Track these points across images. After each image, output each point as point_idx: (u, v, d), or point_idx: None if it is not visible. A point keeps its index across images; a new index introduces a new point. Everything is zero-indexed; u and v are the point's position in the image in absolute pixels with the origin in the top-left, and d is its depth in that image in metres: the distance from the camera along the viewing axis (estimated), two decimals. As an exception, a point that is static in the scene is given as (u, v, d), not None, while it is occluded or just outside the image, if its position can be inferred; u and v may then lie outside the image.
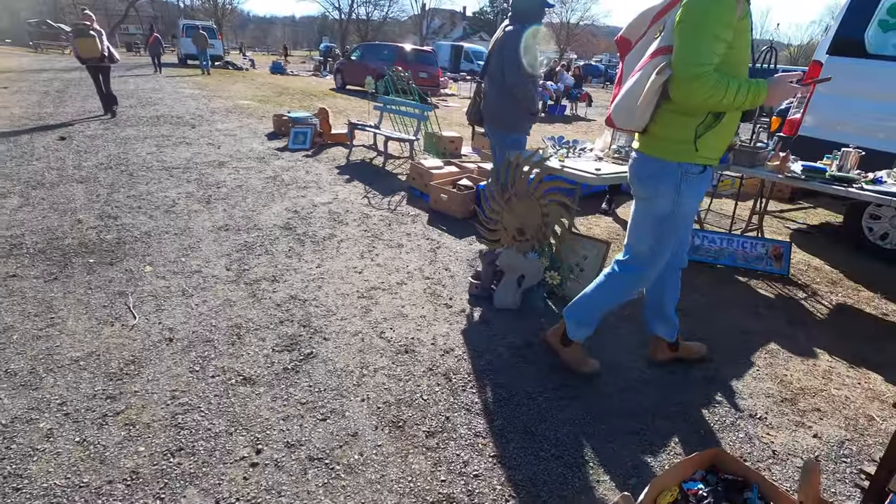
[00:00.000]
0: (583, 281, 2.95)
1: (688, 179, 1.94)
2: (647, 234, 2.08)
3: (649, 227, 2.07)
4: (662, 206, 2.00)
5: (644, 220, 2.09)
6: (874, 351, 2.69)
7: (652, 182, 2.00)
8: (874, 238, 4.11)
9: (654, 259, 2.10)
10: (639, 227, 2.12)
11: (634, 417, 2.06)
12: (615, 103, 2.03)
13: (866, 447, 1.97)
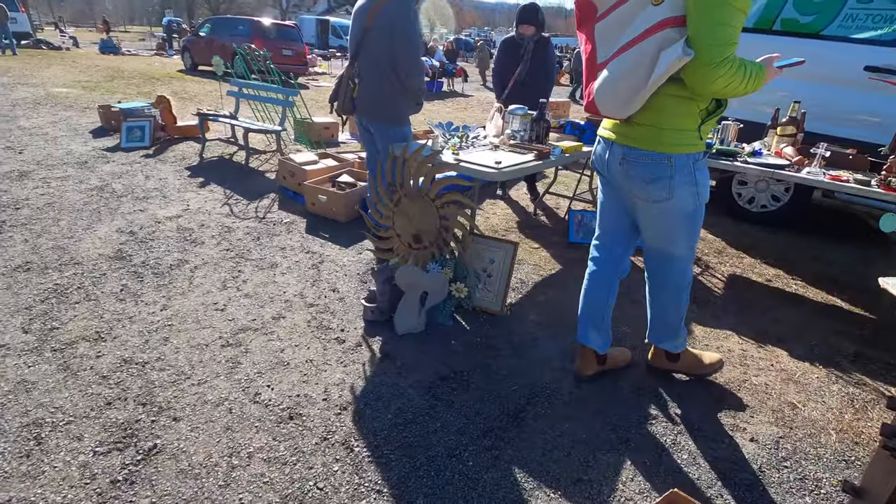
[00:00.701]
0: (492, 288, 2.62)
1: (700, 167, 1.76)
2: (681, 236, 1.88)
3: (682, 229, 1.86)
4: (686, 203, 1.78)
5: (671, 223, 1.84)
6: (771, 323, 2.73)
7: (664, 183, 1.73)
8: (742, 202, 4.37)
9: (691, 254, 1.95)
10: (663, 231, 1.89)
11: (573, 459, 1.77)
12: (599, 87, 1.68)
13: (799, 443, 1.89)
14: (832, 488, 1.70)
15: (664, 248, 1.94)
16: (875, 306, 2.96)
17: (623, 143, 1.79)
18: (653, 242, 1.96)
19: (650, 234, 1.94)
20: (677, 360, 2.14)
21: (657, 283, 2.05)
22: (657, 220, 1.86)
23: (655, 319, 2.11)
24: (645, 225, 1.93)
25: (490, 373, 2.19)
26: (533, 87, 3.85)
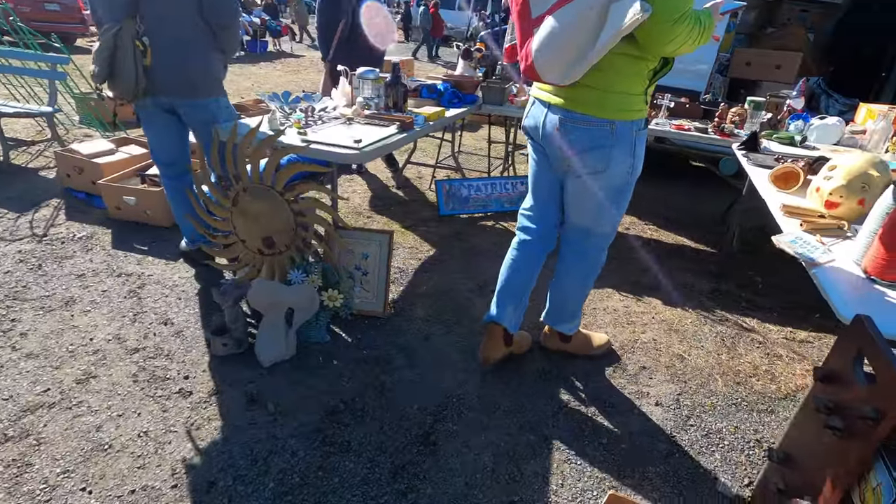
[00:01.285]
0: (371, 287, 2.25)
1: (640, 138, 1.62)
2: (604, 211, 1.74)
3: (606, 203, 1.71)
4: (619, 176, 1.65)
5: (597, 196, 1.69)
6: (641, 273, 2.85)
7: (603, 153, 1.59)
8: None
9: (613, 232, 1.85)
10: (590, 206, 1.73)
11: (499, 478, 1.56)
12: (538, 48, 1.41)
13: (695, 396, 1.95)
14: (733, 437, 1.77)
15: (587, 225, 1.80)
16: (718, 242, 3.30)
17: (562, 106, 1.59)
18: (576, 217, 1.81)
19: (575, 209, 1.79)
20: (570, 341, 2.07)
21: (569, 263, 1.91)
22: (587, 193, 1.70)
23: (556, 302, 1.98)
24: (572, 197, 1.76)
25: (386, 392, 1.86)
26: (362, 45, 3.43)
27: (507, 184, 3.57)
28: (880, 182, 1.57)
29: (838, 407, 1.07)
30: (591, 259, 1.87)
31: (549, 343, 2.09)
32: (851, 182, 1.59)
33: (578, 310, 1.99)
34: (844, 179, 1.60)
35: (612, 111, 1.54)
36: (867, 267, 1.28)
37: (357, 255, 2.24)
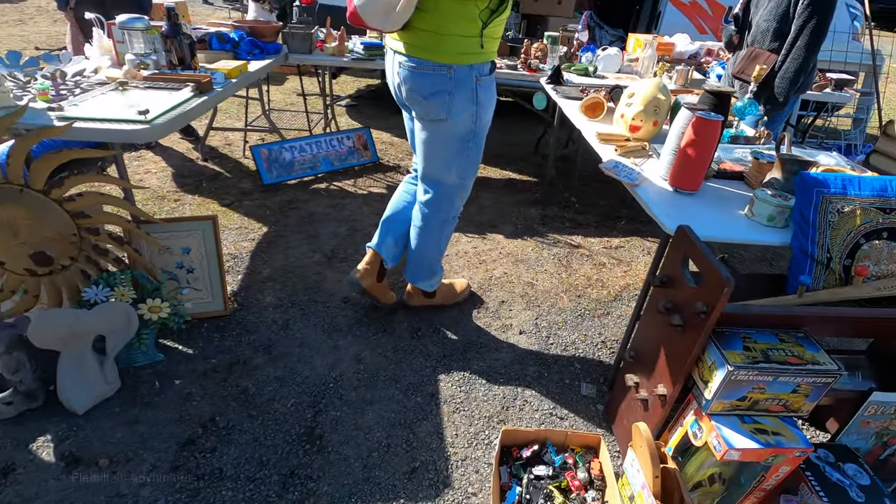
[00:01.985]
0: (203, 284, 1.92)
1: (483, 85, 1.59)
2: (451, 160, 1.71)
3: (452, 152, 1.69)
4: (462, 124, 1.62)
5: (442, 145, 1.68)
6: (479, 211, 2.97)
7: (443, 99, 1.55)
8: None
9: (465, 184, 1.82)
10: (437, 155, 1.71)
11: (396, 450, 1.52)
12: None
13: (549, 317, 2.14)
14: (584, 345, 2.01)
15: (437, 175, 1.76)
16: (538, 171, 3.59)
17: (404, 52, 1.53)
18: (426, 166, 1.76)
19: (425, 158, 1.74)
20: (434, 296, 2.07)
21: (422, 215, 1.86)
22: (432, 141, 1.68)
23: (415, 257, 1.93)
24: (421, 146, 1.72)
25: (251, 399, 1.64)
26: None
27: (332, 140, 3.32)
28: (665, 105, 1.83)
29: (676, 307, 1.25)
30: (443, 210, 1.84)
31: (413, 301, 2.07)
32: (647, 107, 1.81)
33: (437, 264, 1.97)
34: (642, 105, 1.82)
35: (449, 55, 1.48)
36: (672, 181, 1.50)
37: (175, 250, 1.86)
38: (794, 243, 1.25)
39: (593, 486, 1.42)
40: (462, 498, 1.42)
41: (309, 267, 2.29)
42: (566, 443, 1.52)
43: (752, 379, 1.11)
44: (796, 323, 1.20)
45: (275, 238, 2.49)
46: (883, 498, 1.24)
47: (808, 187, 1.22)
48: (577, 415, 1.70)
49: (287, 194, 2.94)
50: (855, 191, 1.21)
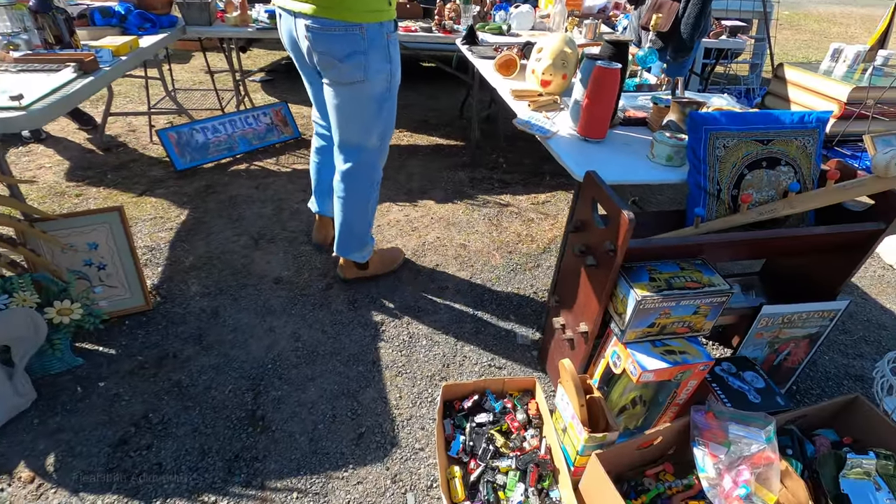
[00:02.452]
0: (118, 280, 1.81)
1: (392, 42, 1.58)
2: (370, 124, 1.68)
3: (370, 115, 1.66)
4: (378, 84, 1.60)
5: (360, 108, 1.64)
6: (409, 179, 2.96)
7: (358, 59, 1.51)
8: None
9: (385, 146, 1.80)
10: (356, 119, 1.67)
11: (342, 420, 1.54)
12: None
13: (482, 275, 2.20)
14: (518, 298, 2.09)
15: (356, 140, 1.73)
16: (465, 135, 3.61)
17: (306, 12, 1.46)
18: (345, 133, 1.72)
19: (341, 123, 1.70)
20: (367, 267, 2.06)
21: (346, 185, 1.82)
22: (349, 105, 1.64)
23: (344, 230, 1.91)
24: (336, 112, 1.67)
25: (186, 391, 1.59)
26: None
27: (247, 118, 3.16)
28: (573, 57, 1.88)
29: (589, 249, 1.33)
30: (366, 177, 1.81)
31: (347, 274, 2.06)
32: (555, 61, 1.85)
33: (367, 235, 1.95)
34: (550, 59, 1.86)
35: (359, 13, 1.45)
36: (581, 130, 1.56)
37: (81, 247, 1.73)
38: (690, 179, 1.36)
39: (532, 425, 1.51)
40: (409, 454, 1.47)
41: (235, 251, 2.21)
42: (504, 389, 1.60)
43: (658, 306, 1.21)
44: (694, 251, 1.31)
45: (195, 225, 2.37)
46: (775, 396, 1.42)
47: (697, 126, 1.32)
48: (515, 362, 1.79)
49: (204, 179, 2.79)
50: (738, 126, 1.32)
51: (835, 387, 1.80)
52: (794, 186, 1.29)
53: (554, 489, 1.36)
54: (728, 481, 1.23)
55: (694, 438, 1.29)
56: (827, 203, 1.29)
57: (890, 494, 1.27)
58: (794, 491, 1.21)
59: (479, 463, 1.40)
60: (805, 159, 1.36)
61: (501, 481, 1.37)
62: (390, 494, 1.37)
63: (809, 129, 1.36)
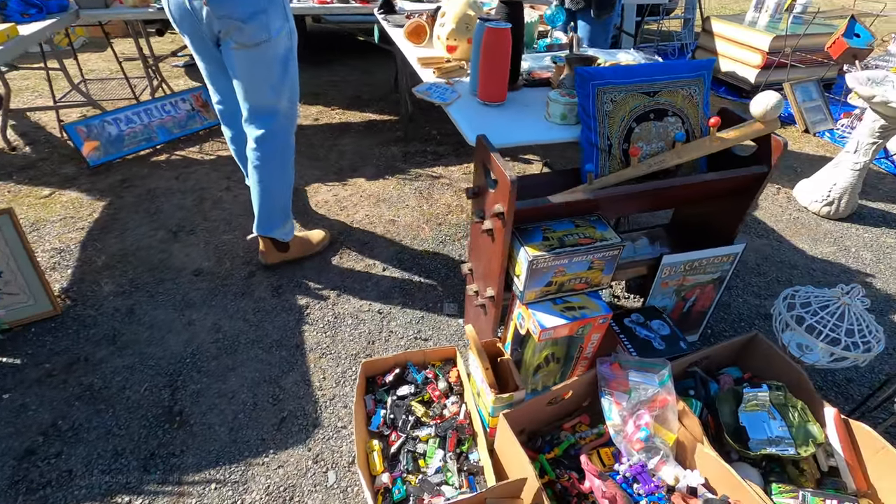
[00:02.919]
0: (17, 288, 1.72)
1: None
2: (279, 85, 1.66)
3: (278, 76, 1.64)
4: (281, 43, 1.59)
5: (266, 70, 1.62)
6: (340, 157, 2.90)
7: (261, 18, 1.50)
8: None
9: (295, 107, 1.78)
10: (264, 83, 1.65)
11: (263, 407, 1.53)
12: None
13: (408, 247, 2.19)
14: (445, 269, 2.09)
15: (267, 104, 1.69)
16: (398, 109, 3.53)
17: None
18: (253, 100, 1.69)
19: (250, 90, 1.66)
20: (288, 248, 2.01)
21: (262, 152, 1.77)
22: (257, 69, 1.61)
23: (266, 205, 1.86)
24: (243, 78, 1.63)
25: (99, 394, 1.54)
26: None
27: (165, 106, 3.00)
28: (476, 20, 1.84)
29: (486, 212, 1.32)
30: (282, 143, 1.78)
31: (269, 259, 2.01)
32: (458, 25, 1.81)
33: (288, 207, 1.91)
34: (454, 23, 1.82)
35: None
36: (480, 94, 1.54)
37: (-33, 255, 1.62)
38: (582, 136, 1.36)
39: (453, 392, 1.53)
40: (332, 433, 1.47)
41: (152, 246, 2.12)
42: (426, 360, 1.61)
43: (552, 265, 1.23)
44: (588, 208, 1.33)
45: (109, 223, 2.26)
46: (679, 342, 1.47)
47: (585, 82, 1.31)
48: (442, 333, 1.80)
49: (120, 173, 2.65)
50: (624, 79, 1.33)
51: (747, 327, 1.89)
52: (680, 136, 1.31)
53: (473, 452, 1.39)
54: (631, 426, 1.29)
55: (601, 389, 1.34)
56: (711, 151, 1.32)
57: (782, 422, 1.35)
58: (691, 428, 1.27)
59: (400, 434, 1.41)
60: (692, 108, 1.39)
61: (422, 450, 1.38)
62: (312, 474, 1.38)
63: (694, 77, 1.38)
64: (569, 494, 1.25)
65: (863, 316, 1.43)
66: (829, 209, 2.52)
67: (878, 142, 2.33)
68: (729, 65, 4.00)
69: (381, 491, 1.29)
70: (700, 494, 1.21)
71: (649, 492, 1.21)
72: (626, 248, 1.65)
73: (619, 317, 1.54)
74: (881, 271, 2.21)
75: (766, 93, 1.28)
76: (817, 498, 1.19)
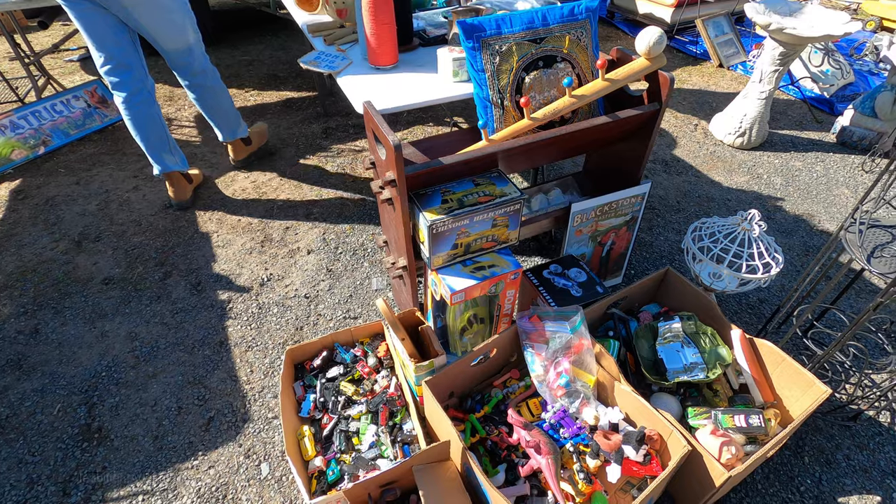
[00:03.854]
0: None
1: None
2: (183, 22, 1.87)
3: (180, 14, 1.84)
4: None
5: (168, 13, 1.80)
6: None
7: None
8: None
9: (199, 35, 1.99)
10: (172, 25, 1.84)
11: (190, 408, 1.47)
12: None
13: (338, 228, 2.13)
14: (372, 244, 2.05)
15: (181, 44, 1.90)
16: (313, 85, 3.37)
17: None
18: (170, 45, 1.89)
19: (162, 35, 1.84)
20: (251, 141, 2.43)
21: (201, 82, 2.06)
22: (160, 15, 1.77)
23: (222, 117, 2.21)
24: (152, 26, 1.79)
25: (6, 423, 1.44)
26: None
27: (54, 106, 2.75)
28: (365, -21, 1.75)
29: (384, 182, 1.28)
30: (207, 64, 2.05)
31: (238, 155, 2.42)
32: (345, -14, 1.71)
33: (235, 110, 2.26)
34: (340, -15, 1.72)
35: None
36: (371, 59, 1.47)
37: None
38: (475, 92, 1.33)
39: (384, 367, 1.52)
40: (263, 425, 1.44)
41: (54, 259, 1.98)
42: (353, 338, 1.58)
43: (452, 227, 1.21)
44: (485, 165, 1.31)
45: (2, 240, 2.08)
46: (595, 287, 1.50)
47: (468, 35, 1.27)
48: (371, 309, 1.78)
49: (13, 184, 2.44)
50: (508, 28, 1.29)
51: (668, 263, 1.95)
52: (568, 82, 1.29)
53: (407, 422, 1.40)
54: (552, 374, 1.31)
55: (523, 343, 1.35)
56: (602, 93, 1.31)
57: (695, 349, 1.41)
58: (608, 368, 1.31)
59: (332, 416, 1.40)
60: (581, 52, 1.37)
61: (354, 428, 1.38)
62: (244, 470, 1.35)
63: (580, 20, 1.35)
64: (499, 449, 1.28)
65: (762, 239, 1.49)
66: (742, 140, 2.61)
67: (779, 69, 2.40)
68: (646, 6, 4.02)
69: (315, 475, 1.28)
70: (621, 429, 1.26)
71: (573, 434, 1.25)
72: (540, 200, 1.65)
73: (539, 269, 1.55)
74: (790, 193, 2.32)
75: (647, 28, 1.28)
76: (726, 415, 1.26)
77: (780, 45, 2.32)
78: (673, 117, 2.92)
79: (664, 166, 2.50)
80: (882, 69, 3.31)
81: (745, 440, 1.24)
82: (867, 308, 1.18)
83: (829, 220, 2.17)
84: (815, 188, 2.36)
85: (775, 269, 1.46)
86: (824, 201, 2.28)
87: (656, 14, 3.92)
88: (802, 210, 2.23)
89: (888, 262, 1.17)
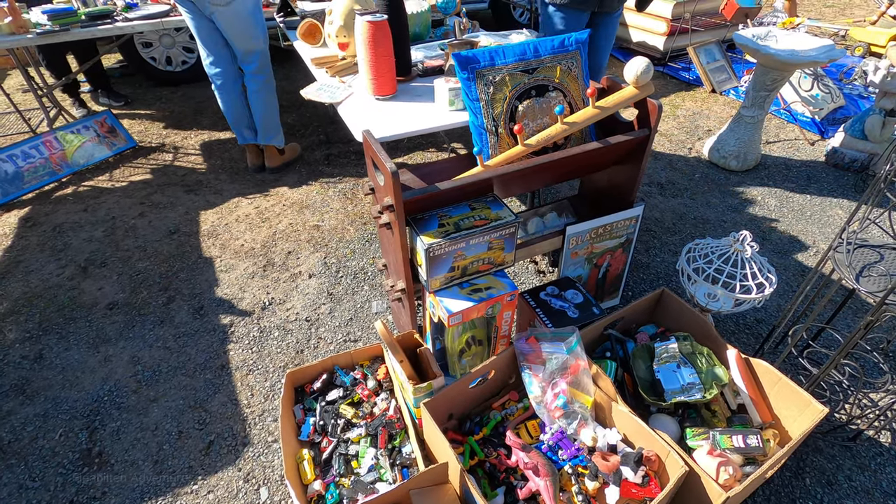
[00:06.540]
0: None
1: None
2: (256, 31, 2.25)
3: (253, 24, 2.22)
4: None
5: (244, 22, 2.18)
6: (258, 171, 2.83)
7: None
8: (162, 66, 3.99)
9: (267, 46, 2.36)
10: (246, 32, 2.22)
11: (189, 434, 1.48)
12: None
13: (337, 252, 2.16)
14: (371, 267, 2.08)
15: (252, 48, 2.28)
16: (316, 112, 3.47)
17: None
18: (242, 47, 2.27)
19: (236, 40, 2.23)
20: (284, 152, 2.75)
21: (256, 84, 2.40)
22: (237, 24, 2.16)
23: (265, 122, 2.51)
24: (230, 32, 2.19)
25: (8, 448, 1.45)
26: None
27: (66, 135, 2.83)
28: (365, 14, 1.83)
29: (382, 207, 1.32)
30: (267, 71, 2.41)
31: (273, 162, 2.70)
32: (346, 21, 1.79)
33: (279, 122, 2.58)
34: (342, 20, 1.80)
35: None
36: (370, 90, 1.53)
37: None
38: (470, 120, 1.38)
39: (383, 389, 1.53)
40: (262, 449, 1.45)
41: (60, 285, 2.01)
42: (353, 361, 1.60)
43: (449, 250, 1.24)
44: (481, 190, 1.34)
45: (9, 267, 2.12)
46: (591, 308, 1.52)
47: (464, 66, 1.33)
48: (371, 332, 1.80)
49: (22, 212, 2.49)
50: (501, 60, 1.35)
51: (665, 284, 1.97)
52: (560, 109, 1.34)
53: (406, 445, 1.40)
54: (549, 395, 1.32)
55: (520, 364, 1.37)
56: (592, 120, 1.36)
57: (691, 368, 1.42)
58: (605, 389, 1.32)
59: (331, 440, 1.40)
60: (572, 81, 1.42)
61: (354, 451, 1.38)
62: (243, 494, 1.35)
63: (570, 52, 1.41)
64: (498, 471, 1.28)
65: (754, 259, 1.52)
66: (736, 162, 2.66)
67: (768, 94, 2.47)
68: (639, 35, 4.14)
69: (314, 499, 1.28)
70: (620, 450, 1.26)
71: (572, 455, 1.26)
72: (536, 223, 1.69)
73: (536, 291, 1.57)
74: (784, 215, 2.36)
75: (635, 58, 1.33)
76: (724, 436, 1.26)
77: (769, 70, 2.39)
78: (667, 141, 2.99)
79: (660, 189, 2.54)
80: (871, 93, 3.39)
81: (743, 460, 1.24)
82: (858, 327, 1.20)
83: (824, 240, 2.19)
84: (808, 209, 2.39)
85: (769, 289, 1.48)
86: (818, 222, 2.31)
87: (649, 42, 4.04)
88: (797, 231, 2.25)
89: (876, 281, 1.20)
